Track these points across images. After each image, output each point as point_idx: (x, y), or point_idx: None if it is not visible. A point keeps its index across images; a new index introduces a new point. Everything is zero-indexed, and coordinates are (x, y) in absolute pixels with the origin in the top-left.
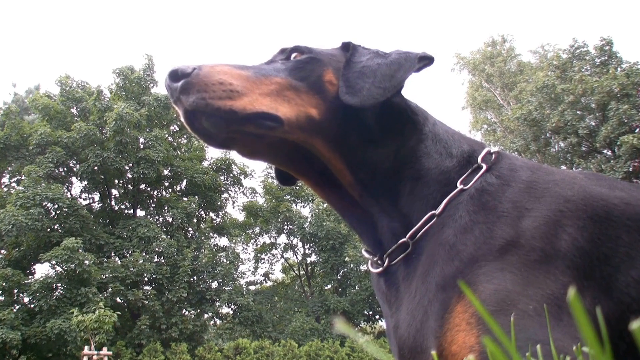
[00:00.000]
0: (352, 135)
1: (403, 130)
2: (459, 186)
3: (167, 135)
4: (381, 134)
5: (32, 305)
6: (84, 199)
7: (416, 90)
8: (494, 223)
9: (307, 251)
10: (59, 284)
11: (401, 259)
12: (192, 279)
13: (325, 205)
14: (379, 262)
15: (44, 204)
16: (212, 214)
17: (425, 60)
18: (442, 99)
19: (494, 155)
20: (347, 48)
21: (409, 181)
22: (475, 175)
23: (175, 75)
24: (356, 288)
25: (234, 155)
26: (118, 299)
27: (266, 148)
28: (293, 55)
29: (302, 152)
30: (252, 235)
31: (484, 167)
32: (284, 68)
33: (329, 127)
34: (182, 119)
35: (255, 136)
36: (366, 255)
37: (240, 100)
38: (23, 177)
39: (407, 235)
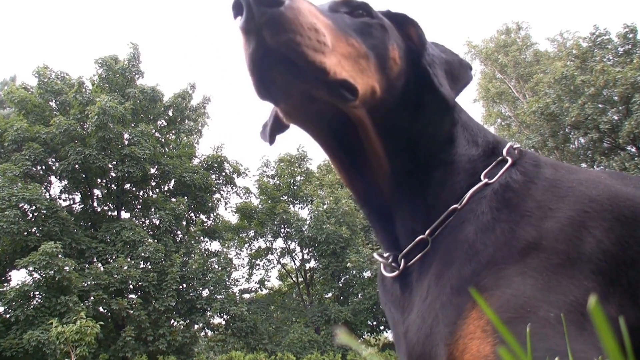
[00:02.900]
0: (400, 120)
1: (440, 112)
2: (483, 179)
3: (153, 131)
4: (424, 117)
5: (8, 315)
6: (64, 200)
7: None
8: (516, 223)
9: (305, 256)
10: (37, 292)
11: (418, 259)
12: (181, 287)
13: (325, 207)
14: (393, 264)
15: (20, 205)
16: (202, 216)
17: (470, 72)
18: None
19: (516, 150)
20: (398, 20)
21: (441, 167)
22: (500, 169)
23: None
24: (359, 296)
25: (226, 152)
26: (101, 309)
27: (313, 115)
28: (358, 11)
29: (344, 129)
30: (246, 239)
31: (509, 160)
32: (353, 28)
33: (383, 108)
34: (247, 56)
35: (316, 100)
36: (379, 259)
37: (331, 59)
38: None
39: (427, 232)
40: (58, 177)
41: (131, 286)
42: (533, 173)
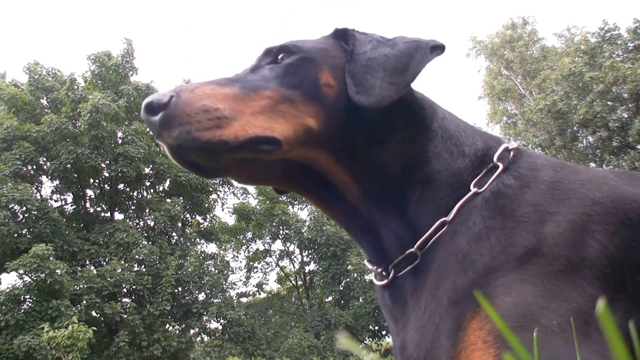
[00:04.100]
0: (356, 142)
1: (410, 128)
2: (473, 189)
3: (148, 129)
4: (387, 135)
5: None
6: (56, 201)
7: (424, 77)
8: (512, 229)
9: (305, 259)
10: (28, 296)
11: (408, 271)
12: (176, 290)
13: None
14: (383, 273)
15: (10, 206)
16: (198, 217)
17: (437, 50)
18: (455, 87)
19: (512, 153)
20: (342, 36)
21: (418, 186)
22: (491, 177)
23: (151, 108)
24: (360, 300)
25: None
26: (94, 313)
27: (263, 170)
28: (280, 56)
29: (302, 167)
30: (244, 241)
31: (501, 166)
32: (273, 76)
33: (330, 136)
34: (167, 153)
35: (252, 160)
36: (369, 266)
37: (230, 127)
38: None
39: (416, 246)
40: (49, 177)
41: (125, 290)
42: (528, 176)
